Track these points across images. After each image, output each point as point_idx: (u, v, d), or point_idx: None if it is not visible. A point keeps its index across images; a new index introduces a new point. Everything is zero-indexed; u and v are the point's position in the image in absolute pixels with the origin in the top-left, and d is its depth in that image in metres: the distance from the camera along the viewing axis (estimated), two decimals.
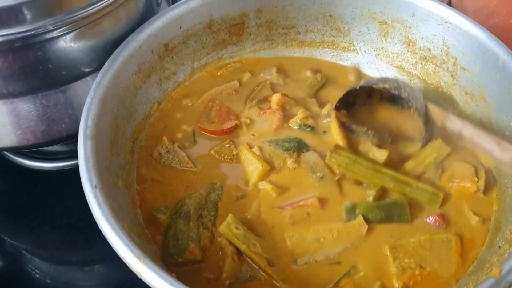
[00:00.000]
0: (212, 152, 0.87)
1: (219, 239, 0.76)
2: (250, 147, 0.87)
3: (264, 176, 0.83)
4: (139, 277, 0.61)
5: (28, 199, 0.99)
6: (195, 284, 0.71)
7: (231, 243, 0.75)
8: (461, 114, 0.91)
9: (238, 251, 0.75)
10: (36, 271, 0.92)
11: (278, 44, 1.05)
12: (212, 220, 0.78)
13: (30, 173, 1.01)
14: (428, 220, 0.78)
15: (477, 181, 0.81)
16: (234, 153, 0.87)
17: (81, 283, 0.91)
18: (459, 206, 0.80)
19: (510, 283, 0.60)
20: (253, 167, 0.84)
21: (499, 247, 0.70)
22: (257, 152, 0.86)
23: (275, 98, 0.92)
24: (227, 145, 0.88)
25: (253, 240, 0.75)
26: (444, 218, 0.78)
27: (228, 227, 0.75)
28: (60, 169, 1.01)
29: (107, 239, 0.64)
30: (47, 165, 1.02)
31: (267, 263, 0.73)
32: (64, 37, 0.77)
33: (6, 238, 0.95)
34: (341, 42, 1.04)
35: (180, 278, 0.69)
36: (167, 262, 0.72)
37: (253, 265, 0.74)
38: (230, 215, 0.77)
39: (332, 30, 1.03)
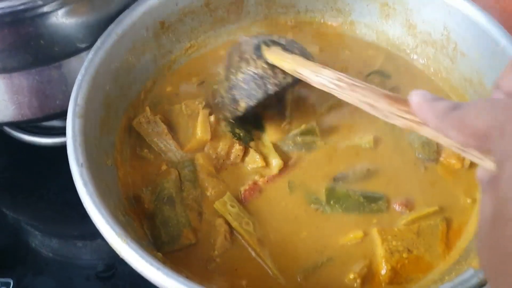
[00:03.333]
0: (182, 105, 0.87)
1: (214, 219, 0.76)
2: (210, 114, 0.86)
3: (200, 146, 0.83)
4: (120, 256, 0.62)
5: (26, 174, 1.00)
6: (188, 265, 0.72)
7: (225, 222, 0.75)
8: (460, 100, 0.90)
9: (231, 230, 0.75)
10: (34, 244, 0.93)
11: (278, 24, 1.03)
12: (197, 200, 0.78)
13: (28, 148, 1.02)
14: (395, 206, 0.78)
15: (464, 158, 0.81)
16: (197, 111, 0.86)
17: (76, 257, 0.92)
18: (447, 185, 0.80)
19: None
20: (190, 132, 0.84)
21: None
22: (212, 119, 0.85)
23: None
24: (197, 103, 0.87)
25: (247, 219, 0.76)
26: (407, 205, 0.78)
27: (223, 204, 0.76)
28: (57, 145, 1.02)
29: (91, 218, 0.64)
30: (44, 141, 1.02)
31: (256, 241, 0.74)
32: (55, 13, 0.76)
33: (5, 211, 0.97)
34: (342, 23, 1.02)
35: (173, 261, 0.71)
36: (163, 251, 0.72)
37: (244, 243, 0.75)
38: (228, 193, 0.78)
39: (332, 10, 1.01)
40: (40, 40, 0.78)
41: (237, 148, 0.83)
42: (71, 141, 0.70)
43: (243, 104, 0.78)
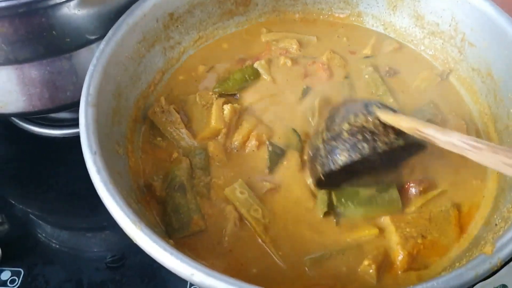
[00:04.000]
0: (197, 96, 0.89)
1: (224, 206, 0.77)
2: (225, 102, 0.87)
3: (213, 135, 0.85)
4: (135, 242, 0.62)
5: (35, 165, 1.01)
6: (199, 251, 0.73)
7: (236, 208, 0.76)
8: (468, 91, 0.91)
9: (241, 217, 0.76)
10: (43, 235, 0.94)
11: (286, 15, 1.04)
12: (208, 187, 0.79)
13: (37, 140, 1.03)
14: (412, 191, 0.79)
15: None
16: (211, 101, 0.88)
17: (85, 248, 0.93)
18: (456, 168, 0.81)
19: (502, 260, 0.60)
20: (204, 121, 0.86)
21: (496, 224, 0.70)
22: (226, 110, 0.86)
23: None
24: (211, 93, 0.89)
25: (256, 206, 0.76)
26: (420, 183, 0.78)
27: (233, 191, 0.78)
28: (66, 136, 1.03)
29: (104, 204, 0.65)
30: (54, 132, 1.03)
31: (263, 229, 0.75)
32: (67, 4, 0.77)
33: (14, 203, 0.97)
34: (350, 15, 1.03)
35: (184, 247, 0.72)
36: (174, 238, 0.73)
37: (252, 229, 0.75)
38: (240, 180, 0.79)
39: (340, 2, 1.02)
40: (52, 31, 0.79)
41: (253, 143, 0.84)
42: (84, 129, 0.70)
43: (343, 158, 0.69)
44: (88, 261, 0.90)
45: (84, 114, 0.72)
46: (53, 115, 1.04)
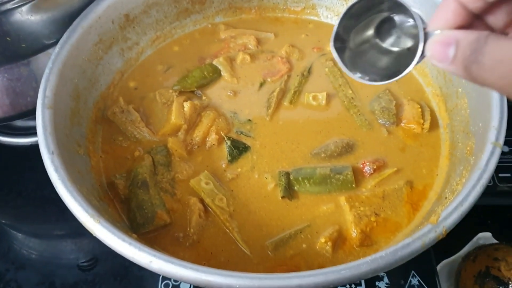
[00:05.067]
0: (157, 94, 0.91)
1: (189, 198, 0.79)
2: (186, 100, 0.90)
3: (174, 131, 0.87)
4: (94, 235, 0.64)
5: (2, 174, 1.02)
6: (167, 245, 0.75)
7: (200, 200, 0.78)
8: (420, 74, 0.94)
9: (206, 209, 0.78)
10: (15, 241, 0.95)
11: (242, 12, 1.06)
12: (171, 182, 0.81)
13: (4, 149, 1.03)
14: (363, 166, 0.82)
15: (423, 123, 0.86)
16: (171, 99, 0.90)
17: (57, 252, 0.94)
18: (410, 149, 0.84)
19: (448, 228, 0.62)
20: (164, 118, 0.88)
21: (445, 198, 0.73)
22: (186, 107, 0.88)
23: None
24: (171, 91, 0.91)
25: (221, 195, 0.79)
26: (374, 162, 0.82)
27: (198, 182, 0.80)
28: (34, 144, 1.03)
29: (64, 201, 0.66)
30: (20, 141, 1.03)
31: (228, 216, 0.76)
32: (19, 9, 0.78)
33: None
34: (304, 8, 1.05)
35: (150, 241, 0.74)
36: (139, 233, 0.74)
37: (217, 218, 0.77)
38: (205, 171, 0.81)
39: None
40: (6, 37, 0.80)
41: (213, 137, 0.86)
42: (42, 130, 0.72)
43: None
44: (61, 264, 0.91)
45: (41, 115, 0.73)
46: (19, 123, 1.05)
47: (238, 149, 0.85)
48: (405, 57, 0.57)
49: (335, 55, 0.61)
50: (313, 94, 0.91)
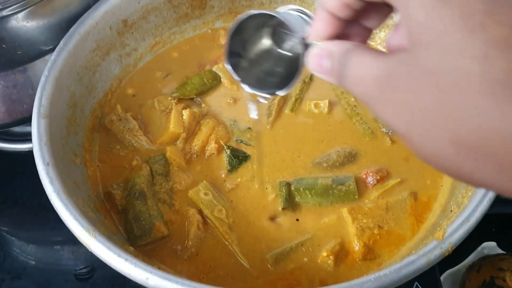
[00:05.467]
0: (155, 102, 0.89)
1: (187, 209, 0.77)
2: (185, 107, 0.88)
3: (172, 140, 0.85)
4: (89, 250, 0.62)
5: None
6: (164, 258, 0.73)
7: (198, 212, 0.76)
8: None
9: (204, 220, 0.76)
10: (11, 249, 0.93)
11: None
12: (168, 192, 0.79)
13: (1, 155, 1.02)
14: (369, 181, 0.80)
15: None
16: (170, 107, 0.88)
17: (54, 260, 0.92)
18: (414, 158, 0.81)
19: (454, 245, 0.61)
20: (162, 127, 0.86)
21: (451, 211, 0.71)
22: (185, 115, 0.86)
23: None
24: (170, 98, 0.90)
25: (220, 206, 0.77)
26: (377, 172, 0.80)
27: (197, 193, 0.78)
28: (31, 150, 1.02)
29: (58, 214, 0.65)
30: (18, 147, 1.02)
31: (227, 228, 0.75)
32: (15, 16, 0.77)
33: None
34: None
35: (147, 254, 0.72)
36: (137, 245, 0.73)
37: (216, 230, 0.76)
38: (204, 181, 0.79)
39: (296, 0, 1.03)
40: (2, 44, 0.79)
41: (212, 146, 0.84)
42: (37, 140, 0.70)
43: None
44: (57, 273, 0.89)
45: (36, 125, 0.72)
46: (16, 129, 1.03)
47: (238, 158, 0.83)
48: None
49: (231, 72, 0.59)
50: (315, 101, 0.90)
